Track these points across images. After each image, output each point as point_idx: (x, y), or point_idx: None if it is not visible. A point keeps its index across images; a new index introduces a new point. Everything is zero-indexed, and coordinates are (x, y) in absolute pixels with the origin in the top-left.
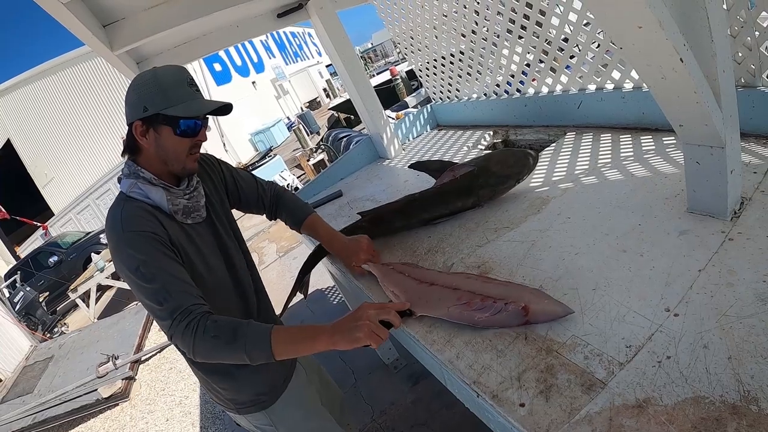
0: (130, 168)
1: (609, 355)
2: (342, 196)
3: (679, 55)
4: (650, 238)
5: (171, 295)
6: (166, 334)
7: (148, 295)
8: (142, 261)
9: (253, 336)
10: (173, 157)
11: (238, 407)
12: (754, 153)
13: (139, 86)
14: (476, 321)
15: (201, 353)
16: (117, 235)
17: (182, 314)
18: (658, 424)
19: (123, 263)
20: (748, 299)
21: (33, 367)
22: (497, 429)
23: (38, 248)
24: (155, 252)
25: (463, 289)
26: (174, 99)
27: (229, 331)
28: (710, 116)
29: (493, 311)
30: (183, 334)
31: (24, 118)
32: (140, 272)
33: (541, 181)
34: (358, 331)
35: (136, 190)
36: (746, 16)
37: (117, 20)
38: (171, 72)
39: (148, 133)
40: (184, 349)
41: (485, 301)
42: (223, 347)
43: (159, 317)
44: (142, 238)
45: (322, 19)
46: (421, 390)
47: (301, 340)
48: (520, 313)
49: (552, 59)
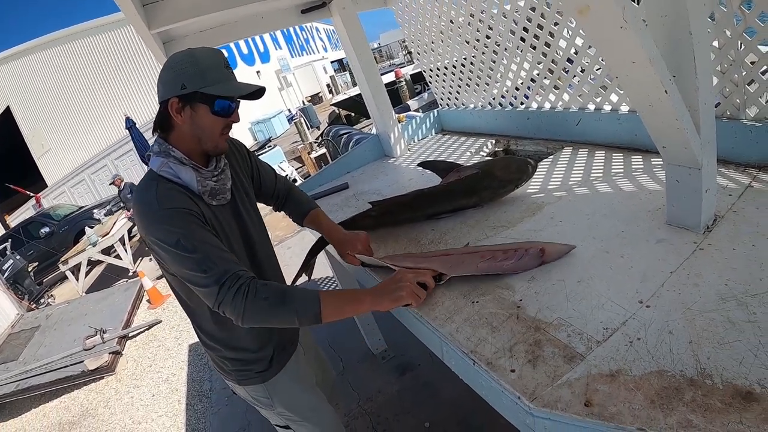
0: (161, 146)
1: (588, 334)
2: (348, 188)
3: (664, 87)
4: (631, 243)
5: (216, 263)
6: (210, 302)
7: (191, 265)
8: (182, 234)
9: (302, 298)
10: (208, 135)
11: (240, 378)
12: (732, 178)
13: (177, 65)
14: (505, 268)
15: (251, 316)
16: (153, 212)
17: (231, 279)
18: (627, 390)
19: (161, 239)
20: (711, 297)
21: (18, 335)
22: (489, 393)
23: (30, 218)
24: (194, 226)
25: (480, 251)
26: (212, 79)
27: (279, 293)
28: (689, 141)
29: (516, 257)
30: (234, 297)
31: (26, 87)
32: (181, 244)
33: (537, 188)
34: (401, 290)
35: (166, 169)
36: (735, 55)
37: (157, 1)
38: (209, 53)
39: (183, 111)
40: (232, 313)
41: (507, 252)
42: (274, 309)
43: (204, 285)
44: (179, 214)
45: (343, 18)
46: (408, 381)
47: (347, 302)
48: (538, 254)
49: (556, 77)
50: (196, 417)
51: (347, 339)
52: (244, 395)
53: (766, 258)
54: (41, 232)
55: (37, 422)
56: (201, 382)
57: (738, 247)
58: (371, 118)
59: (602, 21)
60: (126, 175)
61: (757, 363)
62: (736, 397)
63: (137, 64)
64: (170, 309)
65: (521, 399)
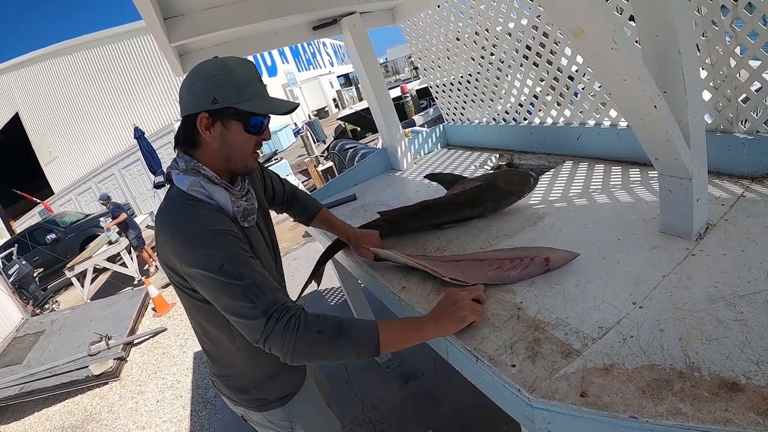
0: (188, 163)
1: (584, 332)
2: (356, 199)
3: (654, 102)
4: (626, 250)
5: (263, 292)
6: (253, 336)
7: (236, 294)
8: (227, 258)
9: (359, 330)
10: (239, 153)
11: (260, 406)
12: (725, 189)
13: (207, 76)
14: (512, 278)
15: (302, 351)
16: (191, 235)
17: (279, 311)
18: (620, 382)
19: (202, 263)
20: (701, 299)
21: (23, 339)
22: (491, 388)
23: (36, 224)
24: (238, 250)
25: (488, 258)
26: (247, 94)
27: (333, 326)
28: (679, 153)
29: (522, 267)
30: (283, 331)
31: (35, 94)
32: (225, 270)
33: (539, 200)
34: (462, 310)
35: (198, 189)
36: (727, 71)
37: (177, 15)
38: (242, 65)
39: (213, 127)
40: (280, 349)
41: (513, 261)
42: (328, 342)
43: (249, 317)
44: (222, 236)
45: (353, 34)
46: (411, 389)
47: (407, 330)
48: (543, 263)
49: (558, 94)
50: (200, 423)
51: None
52: (259, 420)
53: (754, 262)
54: (47, 238)
55: (40, 426)
56: (205, 389)
57: (728, 252)
58: (378, 132)
59: (595, 42)
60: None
61: (743, 357)
62: (722, 387)
63: (146, 75)
64: (175, 317)
65: (521, 391)
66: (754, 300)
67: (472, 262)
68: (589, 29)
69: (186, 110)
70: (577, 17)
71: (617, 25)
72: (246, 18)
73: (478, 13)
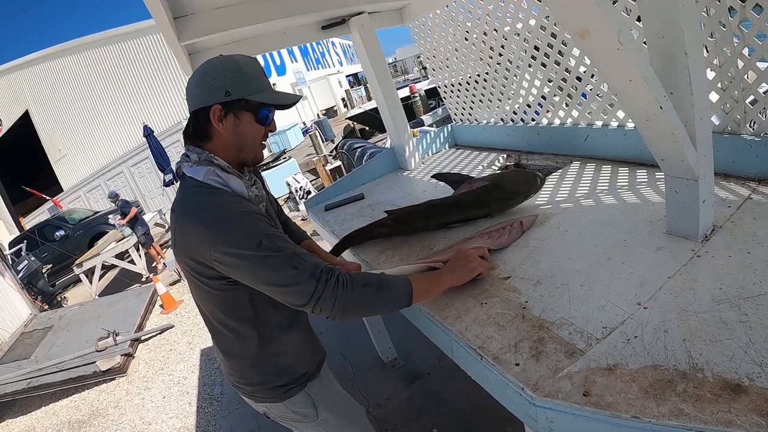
0: (201, 155)
1: (589, 332)
2: (363, 198)
3: (659, 104)
4: (632, 251)
5: (304, 258)
6: (302, 300)
7: (279, 265)
8: (264, 235)
9: (395, 283)
10: (250, 144)
11: (282, 394)
12: (732, 191)
13: (219, 71)
14: (504, 242)
15: (352, 306)
16: (222, 219)
17: (325, 272)
18: (623, 382)
19: (240, 244)
20: (705, 300)
21: (31, 334)
22: (495, 387)
23: (45, 221)
24: (270, 227)
25: (476, 235)
26: (256, 87)
27: (375, 280)
28: (685, 154)
29: (507, 233)
30: (335, 289)
31: (45, 92)
32: (264, 246)
33: (545, 200)
34: (471, 262)
35: (214, 178)
36: (735, 73)
37: (187, 15)
38: (249, 61)
39: (226, 119)
40: (331, 307)
41: (499, 231)
42: (374, 295)
43: (296, 283)
44: (252, 216)
45: (361, 34)
46: (416, 388)
47: (431, 282)
48: (519, 227)
49: (566, 95)
50: (206, 419)
51: (357, 347)
52: (282, 413)
53: (760, 264)
54: (56, 234)
55: (47, 420)
56: (212, 385)
57: (734, 254)
58: (386, 132)
59: (601, 43)
60: (142, 183)
61: (746, 359)
62: (725, 389)
63: (155, 73)
64: (183, 314)
65: (524, 390)
66: (759, 302)
67: (465, 242)
68: (594, 30)
69: (196, 104)
70: (583, 18)
71: (622, 26)
72: (255, 17)
73: (486, 13)
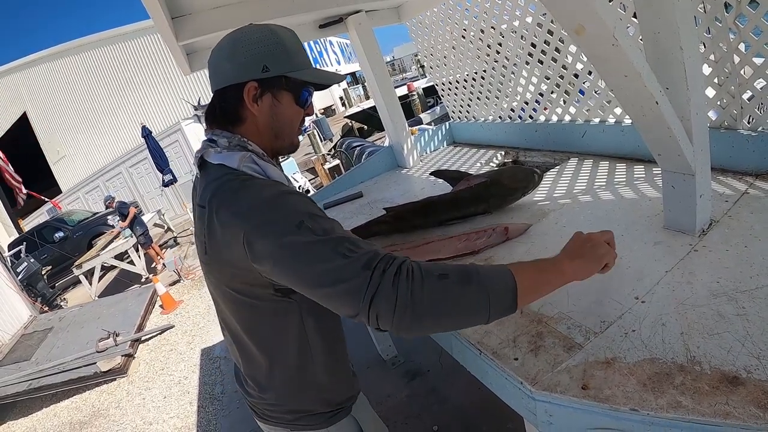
0: (231, 139)
1: (587, 326)
2: (362, 196)
3: (655, 99)
4: (630, 245)
5: (358, 244)
6: (355, 301)
7: (325, 253)
8: (307, 215)
9: (489, 274)
10: (288, 129)
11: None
12: (729, 185)
13: (254, 42)
14: (478, 246)
15: (424, 306)
16: (258, 205)
17: (385, 261)
18: (621, 375)
19: (277, 229)
20: (702, 294)
21: (31, 336)
22: (494, 382)
23: (44, 222)
24: (317, 208)
25: (455, 235)
26: (299, 64)
27: (458, 270)
28: (682, 149)
29: (486, 236)
30: (395, 282)
31: (43, 93)
32: (306, 227)
33: (543, 196)
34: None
35: (250, 164)
36: (731, 68)
37: (185, 14)
38: (290, 33)
39: (262, 99)
40: (392, 309)
41: (479, 233)
42: (455, 289)
43: (346, 278)
44: (296, 195)
45: (359, 33)
46: (417, 386)
47: (544, 272)
48: (503, 232)
49: (563, 91)
50: (207, 419)
51: (357, 345)
52: None
53: (756, 258)
54: (55, 236)
55: (48, 421)
56: (212, 385)
57: (731, 248)
58: (385, 130)
59: (596, 39)
60: (141, 184)
61: (744, 351)
62: (723, 381)
63: (153, 74)
64: (183, 314)
65: (523, 384)
66: (756, 295)
67: (442, 241)
68: (589, 26)
69: (225, 81)
70: (578, 15)
71: (618, 22)
72: (253, 16)
73: (483, 10)
